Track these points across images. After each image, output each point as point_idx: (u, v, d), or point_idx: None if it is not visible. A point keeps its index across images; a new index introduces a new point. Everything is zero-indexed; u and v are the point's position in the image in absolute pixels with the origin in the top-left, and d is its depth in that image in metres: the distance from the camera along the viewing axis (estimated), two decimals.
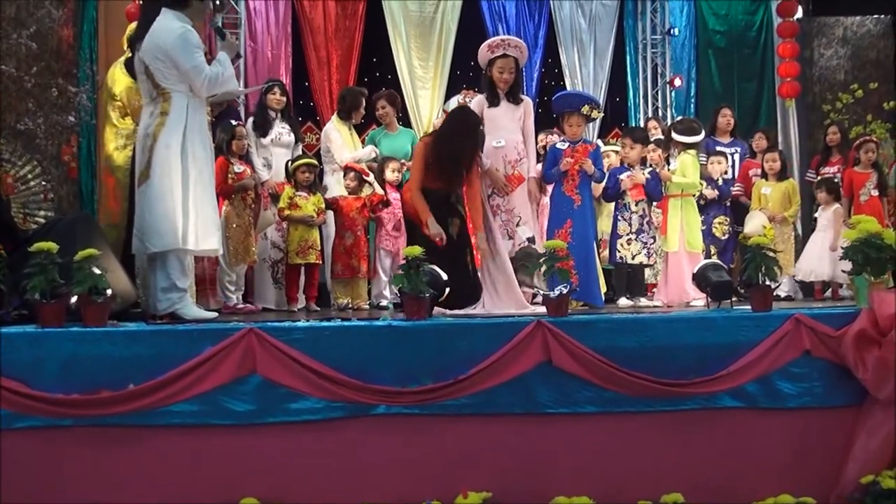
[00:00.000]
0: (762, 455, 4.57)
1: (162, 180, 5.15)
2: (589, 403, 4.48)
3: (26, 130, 8.16)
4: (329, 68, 10.40)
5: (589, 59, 11.42)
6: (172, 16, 5.25)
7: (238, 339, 4.30)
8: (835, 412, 4.63)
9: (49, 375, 4.20)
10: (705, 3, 11.80)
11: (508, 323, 4.59)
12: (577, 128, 6.42)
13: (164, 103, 5.23)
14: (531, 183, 6.30)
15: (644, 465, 4.51)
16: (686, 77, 11.57)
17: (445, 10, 10.88)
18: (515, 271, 5.87)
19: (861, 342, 4.50)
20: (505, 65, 5.93)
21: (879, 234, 4.77)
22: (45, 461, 4.18)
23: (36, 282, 4.38)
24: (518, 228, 5.91)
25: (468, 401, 4.39)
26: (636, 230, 6.66)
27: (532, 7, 11.32)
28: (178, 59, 5.16)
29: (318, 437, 4.34)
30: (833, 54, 11.87)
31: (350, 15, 10.55)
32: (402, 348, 4.43)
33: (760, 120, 11.56)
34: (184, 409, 4.25)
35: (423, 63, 10.82)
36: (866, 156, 8.03)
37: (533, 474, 4.43)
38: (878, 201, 7.89)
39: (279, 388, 4.30)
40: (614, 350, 4.50)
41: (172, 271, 5.22)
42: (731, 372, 4.54)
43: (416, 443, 4.40)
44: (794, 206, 7.87)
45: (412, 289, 4.69)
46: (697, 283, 5.83)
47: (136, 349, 4.29)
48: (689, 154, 6.96)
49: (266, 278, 7.40)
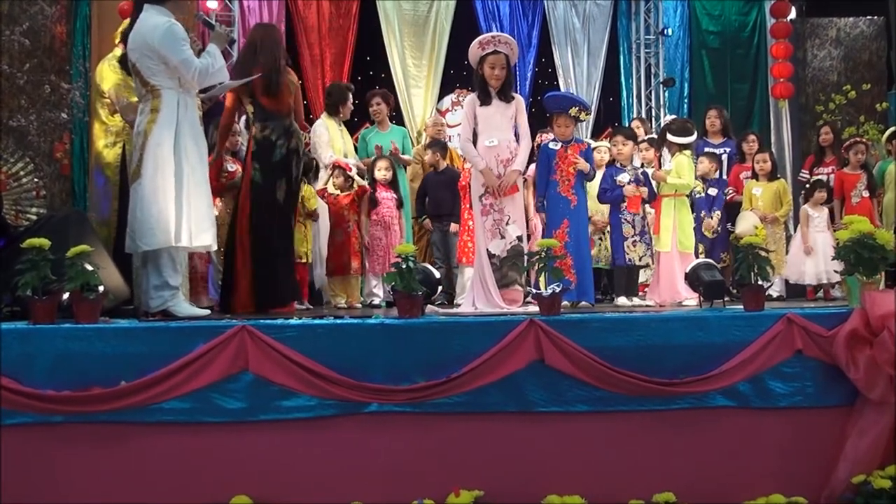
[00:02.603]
0: (754, 454, 4.57)
1: (154, 178, 5.14)
2: (581, 402, 4.48)
3: (19, 127, 8.14)
4: (322, 67, 10.42)
5: (582, 58, 11.46)
6: (155, 11, 5.24)
7: (230, 336, 4.29)
8: (826, 412, 4.63)
9: (40, 372, 4.19)
10: (699, 4, 11.84)
11: (501, 322, 4.58)
12: (565, 128, 6.45)
13: (154, 100, 5.22)
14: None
15: (636, 465, 4.50)
16: (679, 77, 11.60)
17: (439, 10, 10.90)
18: (507, 270, 5.88)
19: (853, 342, 4.50)
20: (496, 61, 5.92)
21: (872, 234, 4.78)
22: (36, 458, 4.17)
23: (28, 278, 4.37)
24: (508, 227, 5.91)
25: (460, 399, 4.38)
26: (639, 232, 6.70)
27: (526, 6, 11.36)
28: (166, 54, 5.15)
29: (310, 434, 4.33)
30: (826, 55, 11.91)
31: (344, 13, 10.58)
32: (395, 346, 4.42)
33: (754, 120, 11.62)
34: (175, 407, 4.24)
35: (416, 62, 10.84)
36: (855, 157, 8.07)
37: (525, 473, 4.42)
38: (868, 202, 7.92)
39: (271, 385, 4.29)
40: (607, 349, 4.49)
41: (165, 269, 5.22)
42: (723, 371, 4.53)
43: (408, 441, 4.39)
44: (786, 205, 7.89)
45: (405, 287, 4.69)
46: (690, 283, 5.84)
47: (128, 346, 4.28)
48: (685, 155, 6.97)
49: None
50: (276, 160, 5.86)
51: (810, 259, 7.64)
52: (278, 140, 5.86)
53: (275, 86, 5.86)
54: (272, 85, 5.86)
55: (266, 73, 5.81)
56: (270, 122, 5.88)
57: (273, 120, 5.88)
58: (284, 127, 5.90)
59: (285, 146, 5.87)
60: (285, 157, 5.88)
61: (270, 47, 5.92)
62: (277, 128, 5.87)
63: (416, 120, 10.71)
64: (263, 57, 5.87)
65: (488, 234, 5.94)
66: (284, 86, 5.94)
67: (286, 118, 5.93)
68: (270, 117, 5.88)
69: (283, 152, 5.88)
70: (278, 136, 5.86)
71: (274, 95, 5.89)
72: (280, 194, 5.89)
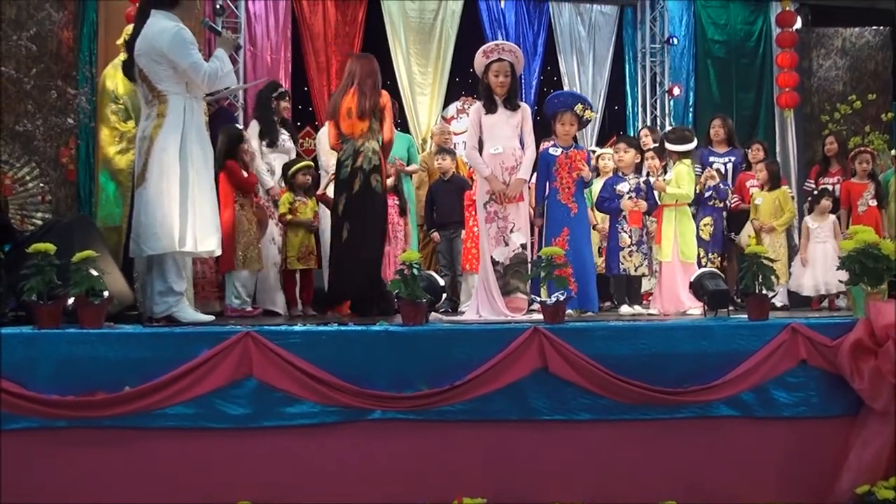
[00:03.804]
0: (757, 464, 4.57)
1: (159, 183, 5.14)
2: (584, 411, 4.48)
3: (25, 132, 8.16)
4: (328, 73, 10.43)
5: (588, 67, 11.46)
6: (163, 16, 5.25)
7: (234, 342, 4.29)
8: (830, 422, 4.62)
9: (44, 376, 4.19)
10: (704, 13, 11.84)
11: (505, 329, 4.58)
12: (570, 126, 6.40)
13: (160, 106, 5.22)
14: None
15: (639, 473, 4.50)
16: (685, 86, 11.60)
17: (445, 17, 10.92)
18: (510, 278, 5.88)
19: (857, 352, 4.50)
20: (500, 68, 5.93)
21: (877, 244, 4.77)
22: (40, 463, 4.17)
23: (33, 283, 4.38)
24: (512, 234, 5.92)
25: (464, 407, 4.38)
26: (636, 242, 6.68)
27: (532, 15, 11.36)
28: (174, 59, 5.16)
29: (314, 441, 4.33)
30: (832, 65, 11.91)
31: (350, 21, 10.59)
32: (399, 353, 4.42)
33: (759, 130, 11.61)
34: (179, 412, 4.24)
35: (422, 69, 10.85)
36: (861, 167, 8.06)
37: (528, 481, 4.42)
38: (876, 212, 7.92)
39: (275, 391, 4.30)
40: (610, 357, 4.49)
41: (169, 274, 5.22)
42: (726, 380, 4.53)
43: (412, 448, 4.39)
44: (787, 214, 7.87)
45: (409, 294, 4.69)
46: (694, 292, 5.83)
47: (133, 351, 4.29)
48: (684, 164, 6.94)
49: (275, 283, 7.33)
50: (342, 178, 6.32)
51: (808, 270, 7.63)
52: (346, 160, 6.28)
53: (341, 112, 6.32)
54: (337, 110, 6.34)
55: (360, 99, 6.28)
56: (345, 144, 6.33)
57: (346, 142, 6.32)
58: (355, 147, 6.27)
59: (350, 165, 6.26)
60: (349, 175, 6.27)
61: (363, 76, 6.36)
62: (348, 148, 6.30)
63: (422, 127, 10.71)
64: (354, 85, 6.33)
65: (492, 242, 5.95)
66: (354, 110, 6.27)
67: (358, 139, 6.28)
68: (345, 139, 6.33)
69: (348, 171, 6.26)
70: (347, 156, 6.28)
71: (343, 119, 6.31)
72: (340, 208, 6.31)
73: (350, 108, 6.26)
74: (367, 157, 6.23)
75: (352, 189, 6.24)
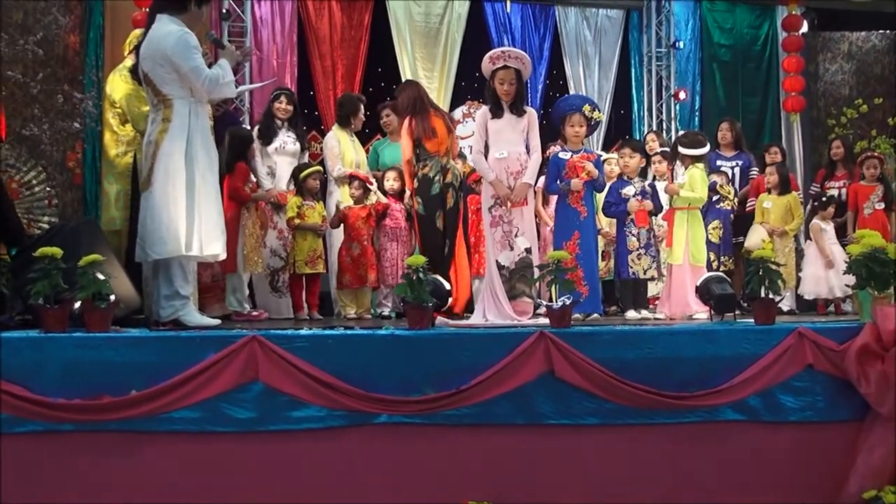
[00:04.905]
0: (764, 469, 4.56)
1: (164, 188, 5.16)
2: (590, 415, 4.48)
3: (31, 136, 8.17)
4: (334, 78, 10.42)
5: (594, 71, 11.44)
6: (169, 20, 5.27)
7: (241, 346, 4.29)
8: (837, 426, 4.62)
9: (51, 380, 4.20)
10: (711, 17, 11.82)
11: (511, 333, 4.58)
12: (579, 128, 6.43)
13: (165, 110, 5.24)
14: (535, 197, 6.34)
15: (645, 478, 4.50)
16: (691, 90, 11.58)
17: (451, 21, 10.90)
18: (516, 282, 5.89)
19: (864, 357, 4.49)
20: (506, 76, 5.94)
21: (883, 248, 4.77)
22: (46, 466, 4.18)
23: (40, 287, 4.39)
24: (517, 239, 5.92)
25: (470, 411, 4.38)
26: (644, 245, 6.68)
27: (537, 19, 11.34)
28: (177, 62, 5.17)
29: (320, 445, 4.33)
30: (838, 69, 11.89)
31: (356, 25, 10.57)
32: (405, 357, 4.43)
33: (765, 134, 11.58)
34: (185, 416, 4.24)
35: (428, 74, 10.84)
36: (869, 171, 8.05)
37: (534, 485, 4.42)
38: (882, 215, 7.90)
39: (281, 395, 4.30)
40: (617, 362, 4.49)
41: (175, 278, 5.23)
42: (733, 385, 4.53)
43: (418, 452, 4.39)
44: (797, 219, 7.86)
45: (415, 298, 4.69)
46: (701, 296, 5.82)
47: (139, 355, 4.29)
48: (698, 168, 6.93)
49: (265, 287, 7.37)
50: (433, 194, 6.75)
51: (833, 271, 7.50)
52: (435, 176, 6.73)
53: (429, 131, 6.81)
54: (427, 130, 6.81)
55: (419, 121, 6.83)
56: (429, 161, 6.77)
57: (431, 159, 6.78)
58: (441, 165, 6.78)
59: (441, 181, 6.75)
60: (441, 190, 6.77)
61: (414, 100, 6.97)
62: (434, 166, 6.77)
63: None
64: (411, 110, 6.93)
65: (497, 246, 5.95)
66: (440, 130, 6.85)
67: (443, 157, 6.82)
68: (429, 157, 6.78)
69: (440, 187, 6.76)
70: (435, 173, 6.76)
71: (430, 138, 6.80)
72: (440, 223, 6.77)
73: (435, 128, 6.81)
74: (454, 174, 6.84)
75: (446, 205, 6.79)
